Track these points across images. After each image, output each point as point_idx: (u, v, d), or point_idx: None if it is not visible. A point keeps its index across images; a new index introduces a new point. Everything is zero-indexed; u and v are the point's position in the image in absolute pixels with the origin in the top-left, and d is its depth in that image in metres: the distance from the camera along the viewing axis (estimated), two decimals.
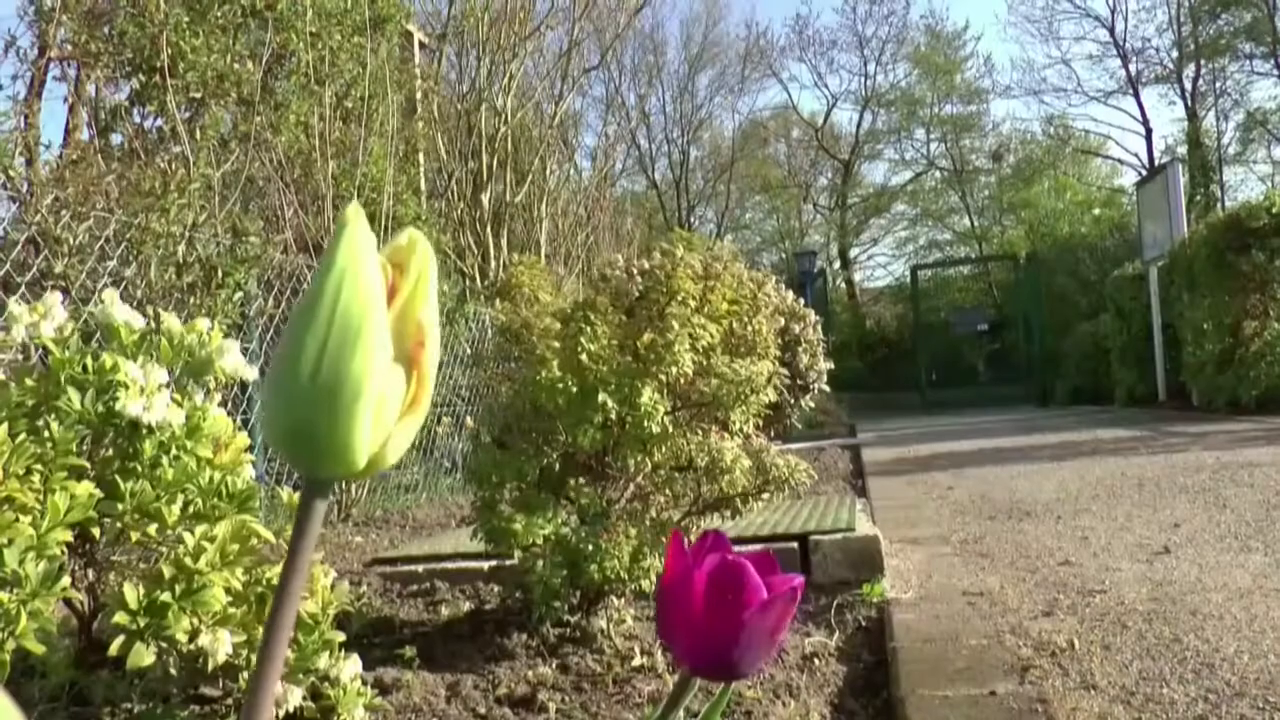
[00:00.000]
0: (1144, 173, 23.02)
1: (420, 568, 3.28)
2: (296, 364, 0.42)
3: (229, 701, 1.94)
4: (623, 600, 2.53)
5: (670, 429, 2.30)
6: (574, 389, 2.23)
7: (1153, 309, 12.07)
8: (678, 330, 2.28)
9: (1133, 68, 25.20)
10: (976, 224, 28.05)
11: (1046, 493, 4.99)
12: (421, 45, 9.20)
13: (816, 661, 2.32)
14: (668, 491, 2.49)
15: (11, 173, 4.59)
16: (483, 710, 2.01)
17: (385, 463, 0.45)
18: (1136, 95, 25.22)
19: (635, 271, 2.49)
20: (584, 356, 2.24)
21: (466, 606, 2.89)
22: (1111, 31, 25.41)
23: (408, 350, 0.45)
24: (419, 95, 8.43)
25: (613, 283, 2.44)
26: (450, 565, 3.24)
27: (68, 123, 7.03)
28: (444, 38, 9.71)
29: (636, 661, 2.21)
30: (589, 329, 2.27)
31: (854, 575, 3.02)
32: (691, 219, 26.90)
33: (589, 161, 17.45)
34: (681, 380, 2.32)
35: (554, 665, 2.24)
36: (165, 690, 1.91)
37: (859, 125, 28.95)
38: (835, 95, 29.72)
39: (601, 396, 2.21)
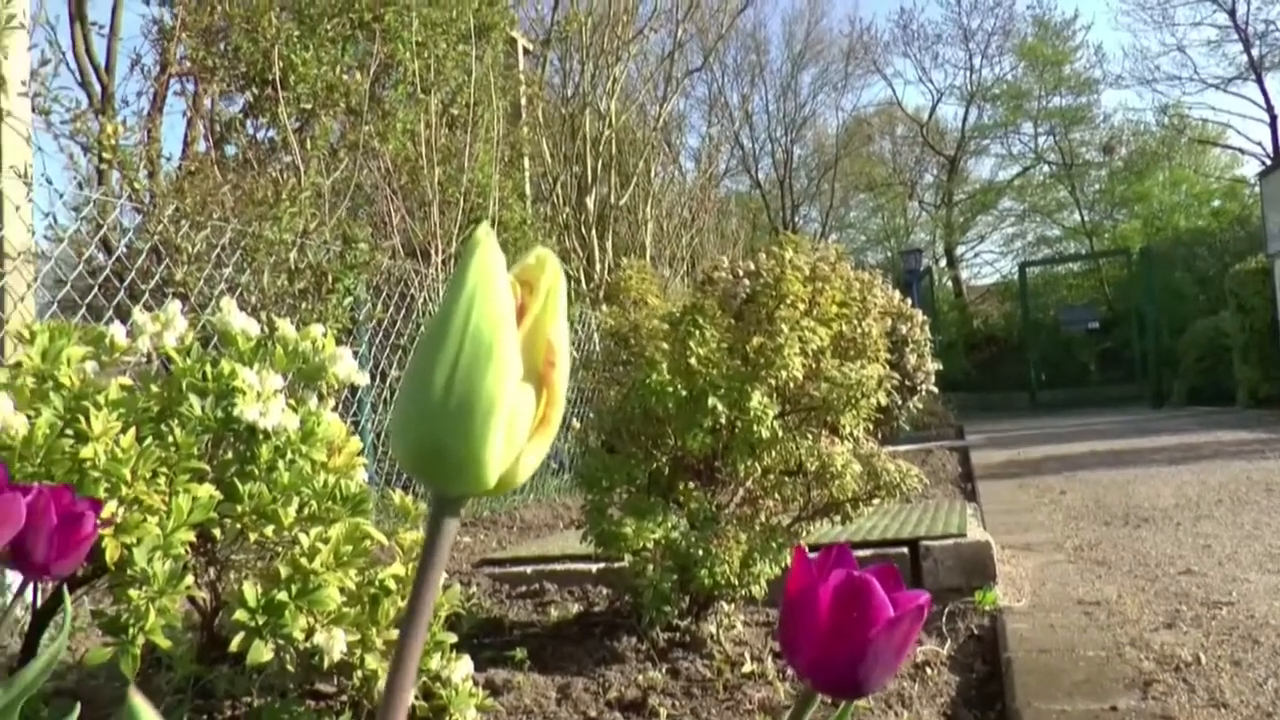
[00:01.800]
0: (1268, 162, 22.10)
1: (529, 569, 3.31)
2: (428, 383, 0.42)
3: (343, 698, 1.98)
4: (732, 606, 2.52)
5: (780, 433, 2.28)
6: (683, 393, 2.22)
7: (1278, 304, 11.59)
8: (787, 334, 2.25)
9: (1255, 52, 24.20)
10: (1087, 219, 27.25)
11: (1165, 498, 4.82)
12: (526, 51, 9.29)
13: (928, 670, 2.28)
14: (777, 496, 2.46)
15: (136, 185, 4.76)
16: (593, 713, 2.02)
17: (516, 481, 0.44)
18: (1260, 81, 24.20)
19: (741, 274, 2.48)
20: (693, 360, 2.24)
21: (575, 609, 2.90)
22: (1232, 15, 24.43)
23: (538, 369, 0.44)
24: (523, 101, 8.52)
25: (720, 285, 2.43)
26: (558, 567, 3.27)
27: (186, 136, 7.27)
28: (548, 43, 9.79)
29: (747, 668, 2.20)
30: (698, 332, 2.26)
31: (965, 582, 2.95)
32: (796, 218, 26.68)
33: (693, 163, 17.46)
34: (791, 384, 2.30)
35: (664, 670, 2.23)
36: (282, 685, 1.96)
37: (964, 120, 28.38)
38: (940, 90, 29.22)
39: (711, 400, 2.20)
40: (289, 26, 6.07)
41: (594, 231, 8.96)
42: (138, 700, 0.41)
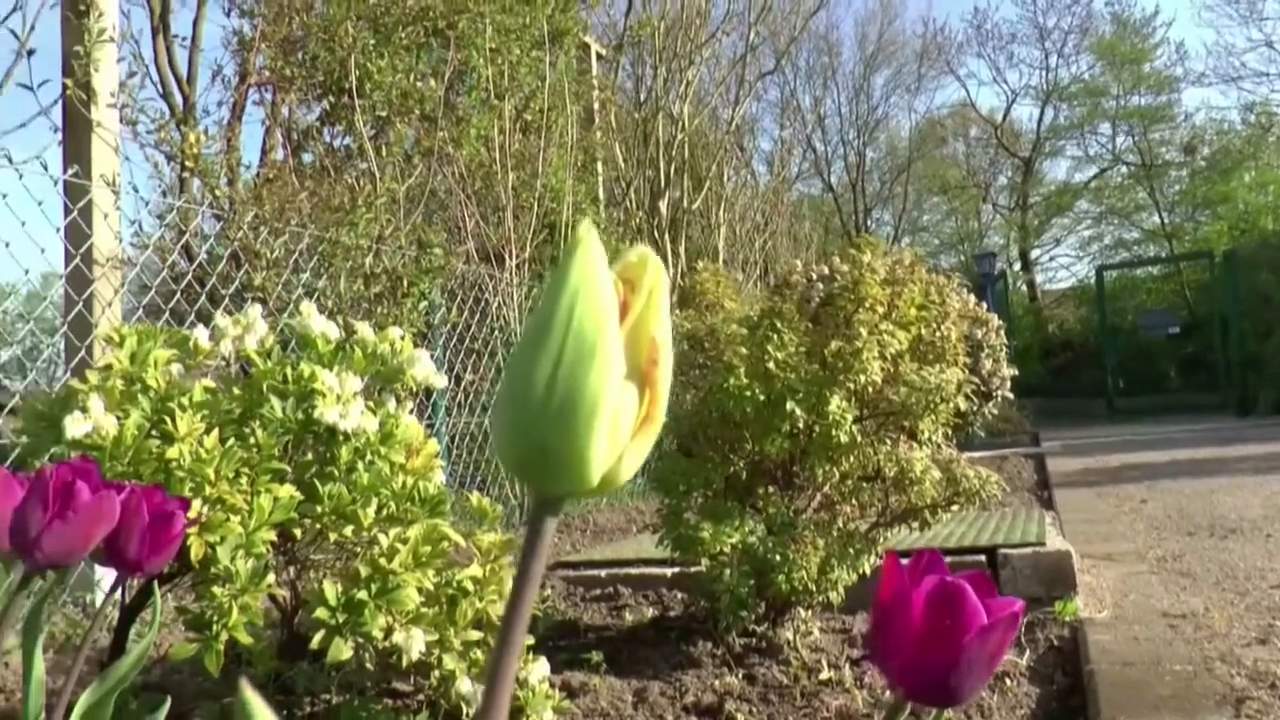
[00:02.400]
0: None
1: (603, 572, 3.31)
2: (530, 382, 0.42)
3: (419, 697, 2.00)
4: (809, 612, 2.50)
5: (858, 438, 2.25)
6: (761, 397, 2.21)
7: None
8: (865, 337, 2.23)
9: None
10: (1167, 221, 26.59)
11: (1253, 509, 4.68)
12: (599, 56, 9.33)
13: (1008, 681, 2.23)
14: (854, 502, 2.44)
15: (217, 192, 4.86)
16: (670, 718, 2.01)
17: (618, 481, 0.44)
18: None
19: (816, 278, 2.46)
20: (771, 364, 2.22)
21: (650, 612, 2.90)
22: None
23: (640, 367, 0.44)
24: (596, 105, 8.55)
25: (797, 289, 2.41)
26: (633, 570, 3.27)
27: (264, 144, 7.42)
28: (620, 48, 9.82)
29: (824, 675, 2.18)
30: (776, 336, 2.24)
31: (1045, 592, 2.90)
32: (868, 222, 26.44)
33: (765, 166, 17.39)
34: (869, 388, 2.27)
35: (740, 675, 2.22)
36: (360, 683, 1.98)
37: (1040, 121, 27.89)
38: (1015, 91, 28.72)
39: (789, 405, 2.18)
40: (365, 36, 6.17)
41: (667, 236, 8.96)
42: (249, 694, 0.41)
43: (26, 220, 3.25)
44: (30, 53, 3.46)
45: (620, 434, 0.43)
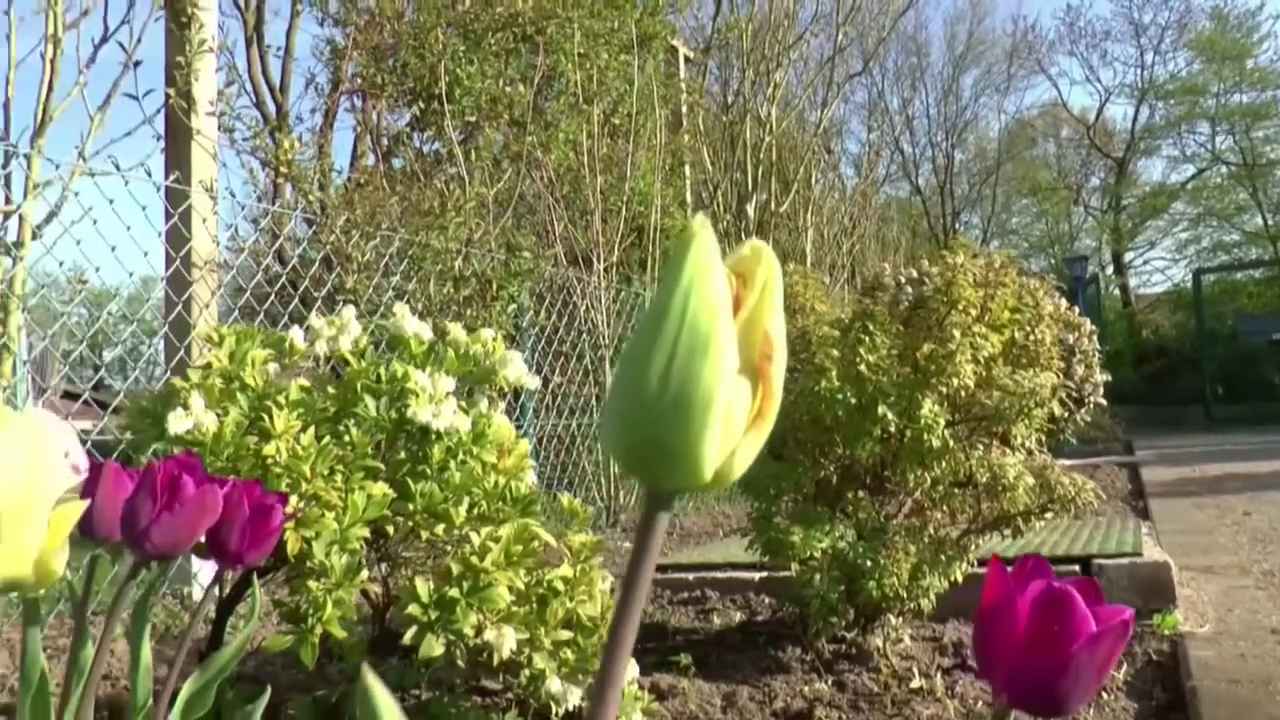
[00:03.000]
0: None
1: (690, 576, 3.31)
2: (643, 375, 0.42)
3: (508, 696, 2.01)
4: (900, 619, 2.46)
5: (950, 443, 2.22)
6: (852, 400, 2.19)
7: None
8: (959, 340, 2.19)
9: None
10: (1270, 222, 25.73)
11: None
12: (686, 60, 9.33)
13: (1104, 695, 2.18)
14: (945, 508, 2.40)
15: (310, 197, 4.97)
16: None
17: (730, 477, 0.44)
18: None
19: (904, 281, 2.42)
20: (863, 367, 2.20)
21: (738, 617, 2.89)
22: None
23: (754, 362, 0.43)
24: (684, 109, 8.56)
25: (888, 291, 2.38)
26: (720, 575, 3.26)
27: (354, 149, 7.57)
28: (708, 51, 9.82)
29: (915, 684, 2.14)
30: (868, 339, 2.22)
31: (1142, 604, 2.81)
32: (956, 225, 26.02)
33: (852, 169, 17.24)
34: (962, 392, 2.24)
35: (830, 682, 2.20)
36: (450, 680, 2.00)
37: (1134, 120, 27.16)
38: (1108, 89, 27.97)
39: (881, 409, 2.15)
40: (455, 42, 6.25)
41: (754, 239, 8.89)
42: (371, 679, 0.41)
43: (131, 225, 3.36)
44: (137, 64, 3.57)
45: (733, 429, 0.43)
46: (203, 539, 1.21)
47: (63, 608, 2.81)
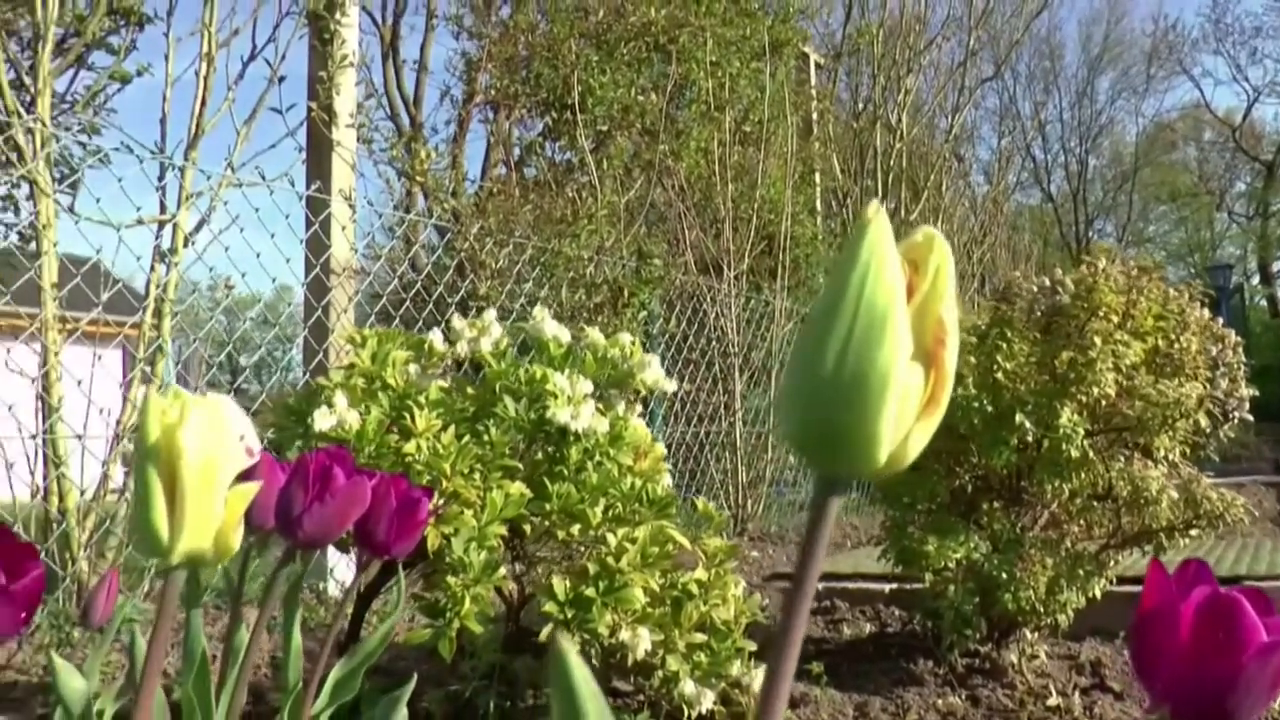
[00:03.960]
0: None
1: (820, 585, 3.28)
2: (819, 359, 0.42)
3: (640, 698, 2.02)
4: (1036, 634, 2.40)
5: (1089, 454, 2.15)
6: (989, 408, 2.14)
7: None
8: (1100, 347, 2.13)
9: None
10: None
11: None
12: (817, 66, 9.27)
13: None
14: (1082, 521, 2.33)
15: (444, 206, 5.09)
16: None
17: (903, 462, 0.44)
18: None
19: (1038, 289, 2.36)
20: (1000, 375, 2.15)
21: (868, 628, 2.86)
22: None
23: (926, 348, 0.43)
24: (815, 116, 8.51)
25: (1024, 297, 2.33)
26: (850, 585, 3.22)
27: (486, 159, 7.73)
28: (839, 57, 9.74)
29: (1052, 701, 2.08)
30: (1005, 345, 2.17)
31: None
32: (1090, 233, 25.24)
33: (982, 176, 16.88)
34: (1102, 401, 2.17)
35: (963, 696, 2.16)
36: None
37: None
38: (1257, 89, 26.71)
39: (1018, 417, 2.10)
40: (588, 53, 6.33)
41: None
42: (565, 645, 0.43)
43: (275, 233, 3.50)
44: (281, 79, 3.72)
45: (907, 414, 0.43)
46: (349, 531, 1.25)
47: (208, 598, 2.92)
